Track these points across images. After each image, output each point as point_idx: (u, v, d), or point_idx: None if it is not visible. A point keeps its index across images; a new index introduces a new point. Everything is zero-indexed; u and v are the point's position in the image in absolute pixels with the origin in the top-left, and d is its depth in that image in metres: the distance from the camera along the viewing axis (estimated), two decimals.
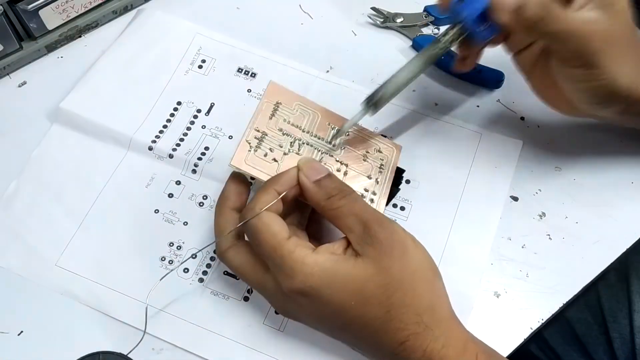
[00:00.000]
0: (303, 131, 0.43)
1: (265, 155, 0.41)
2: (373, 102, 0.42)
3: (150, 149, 0.49)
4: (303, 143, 0.43)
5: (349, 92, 0.52)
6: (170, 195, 0.47)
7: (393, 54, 0.55)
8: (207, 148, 0.49)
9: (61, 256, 0.44)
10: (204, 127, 0.50)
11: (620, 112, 0.44)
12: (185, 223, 0.46)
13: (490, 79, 0.52)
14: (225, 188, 0.41)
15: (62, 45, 0.54)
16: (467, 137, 0.50)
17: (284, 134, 0.43)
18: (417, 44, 0.54)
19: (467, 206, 0.47)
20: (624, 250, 0.46)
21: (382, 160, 0.44)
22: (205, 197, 0.47)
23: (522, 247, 0.46)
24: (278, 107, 0.43)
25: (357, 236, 0.37)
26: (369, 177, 0.43)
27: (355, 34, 0.56)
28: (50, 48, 0.54)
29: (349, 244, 0.37)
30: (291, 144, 0.42)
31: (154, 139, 0.49)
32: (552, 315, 0.44)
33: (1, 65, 0.52)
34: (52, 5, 0.50)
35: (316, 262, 0.36)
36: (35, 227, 0.46)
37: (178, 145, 0.49)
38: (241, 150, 0.41)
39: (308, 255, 0.36)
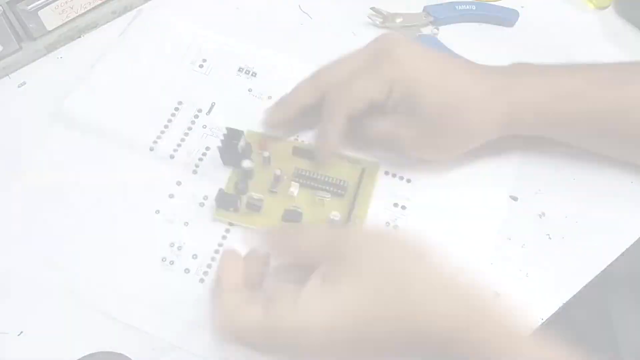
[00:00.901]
0: None
1: None
2: None
3: (150, 149, 0.49)
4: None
5: None
6: (171, 196, 0.47)
7: None
8: (208, 148, 0.49)
9: (61, 256, 0.44)
10: (204, 126, 0.50)
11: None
12: (186, 223, 0.46)
13: None
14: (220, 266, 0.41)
15: (61, 46, 0.54)
16: None
17: None
18: None
19: (467, 206, 0.47)
20: (624, 250, 0.46)
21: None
22: (205, 197, 0.47)
23: (522, 247, 0.46)
24: None
25: (324, 268, 0.35)
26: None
27: (355, 34, 0.56)
28: (50, 48, 0.54)
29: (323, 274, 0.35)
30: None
31: (154, 140, 0.49)
32: (552, 315, 0.44)
33: (1, 66, 0.52)
34: (52, 5, 0.50)
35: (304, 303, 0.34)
36: (35, 227, 0.45)
37: (179, 145, 0.49)
38: None
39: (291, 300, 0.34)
